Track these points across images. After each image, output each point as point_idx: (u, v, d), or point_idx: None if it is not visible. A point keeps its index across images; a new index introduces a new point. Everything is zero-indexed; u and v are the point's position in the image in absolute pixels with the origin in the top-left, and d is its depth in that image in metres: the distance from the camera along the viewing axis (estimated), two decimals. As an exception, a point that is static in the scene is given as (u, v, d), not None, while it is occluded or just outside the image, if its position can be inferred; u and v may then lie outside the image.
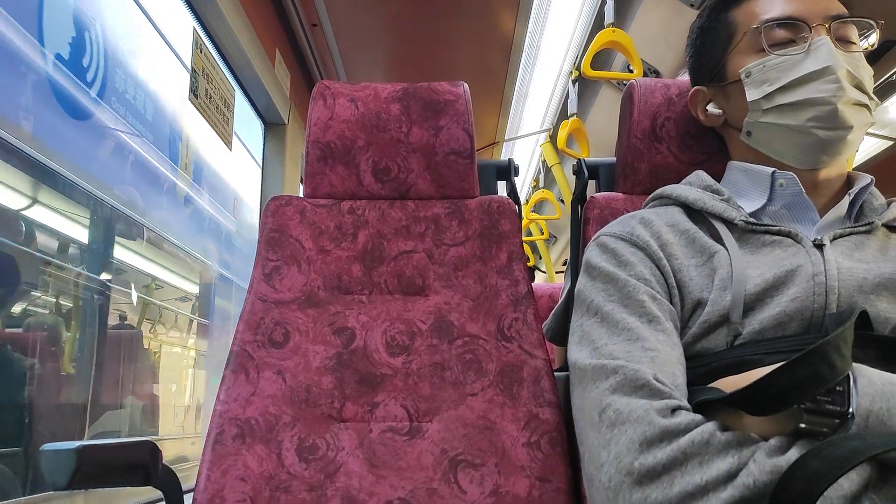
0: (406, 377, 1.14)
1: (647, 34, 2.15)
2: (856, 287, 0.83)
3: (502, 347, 1.15)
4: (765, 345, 0.82)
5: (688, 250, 0.90)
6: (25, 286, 1.83)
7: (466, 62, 2.82)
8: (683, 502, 0.65)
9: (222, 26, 1.89)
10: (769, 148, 0.95)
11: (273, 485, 1.06)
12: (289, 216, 1.25)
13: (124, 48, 2.27)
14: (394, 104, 1.28)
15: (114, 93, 2.22)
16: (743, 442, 0.67)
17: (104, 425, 2.23)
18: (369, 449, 1.10)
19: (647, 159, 1.18)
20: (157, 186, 2.64)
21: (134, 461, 0.88)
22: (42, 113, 1.87)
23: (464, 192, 1.28)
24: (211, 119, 1.89)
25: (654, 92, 1.18)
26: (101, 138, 2.19)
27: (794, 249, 0.88)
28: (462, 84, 1.30)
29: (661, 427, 0.69)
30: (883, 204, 0.95)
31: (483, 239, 1.23)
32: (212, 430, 1.09)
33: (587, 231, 1.18)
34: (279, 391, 1.12)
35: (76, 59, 2.01)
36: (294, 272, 1.21)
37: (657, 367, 0.77)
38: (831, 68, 0.88)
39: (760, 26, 0.93)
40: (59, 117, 1.96)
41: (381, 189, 1.27)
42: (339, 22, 2.51)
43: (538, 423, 1.10)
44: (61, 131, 1.98)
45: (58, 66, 1.92)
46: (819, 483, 0.58)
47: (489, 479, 1.07)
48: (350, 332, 1.17)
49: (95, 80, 2.11)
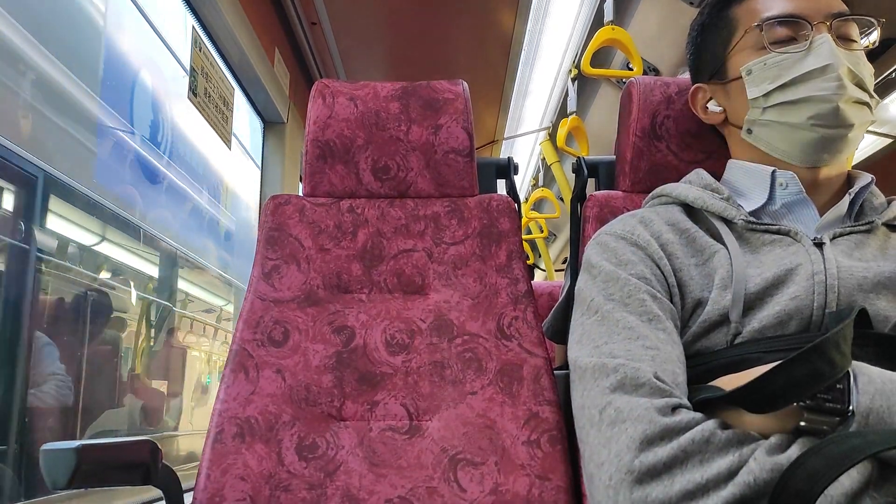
0: (406, 376, 1.14)
1: (646, 32, 2.15)
2: (855, 286, 0.83)
3: (502, 346, 1.15)
4: (765, 343, 0.82)
5: (688, 249, 0.90)
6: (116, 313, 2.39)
7: (466, 60, 2.82)
8: (684, 500, 0.65)
9: (221, 25, 1.89)
10: (770, 146, 0.95)
11: (273, 484, 1.06)
12: (288, 215, 1.24)
13: (180, 116, 2.84)
14: (393, 103, 1.27)
15: (177, 157, 2.84)
16: (743, 440, 0.67)
17: (175, 408, 3.01)
18: (369, 448, 1.10)
19: (646, 158, 1.18)
20: (213, 230, 3.48)
21: (134, 460, 0.88)
22: (138, 185, 2.51)
23: (463, 191, 1.28)
24: (210, 118, 1.89)
25: (654, 90, 1.18)
26: (171, 196, 2.87)
27: (794, 248, 0.88)
28: (461, 82, 1.30)
29: (661, 425, 0.69)
30: (883, 203, 0.95)
31: (483, 237, 1.23)
32: (211, 429, 1.09)
33: (587, 229, 1.18)
34: (279, 390, 1.12)
35: (153, 135, 2.62)
36: (293, 271, 1.21)
37: (657, 365, 0.77)
38: (832, 66, 0.88)
39: (762, 24, 0.93)
40: (147, 185, 2.60)
41: (381, 188, 1.27)
42: (338, 20, 2.51)
43: (538, 422, 1.10)
44: (149, 196, 2.63)
45: (144, 142, 2.50)
46: (819, 481, 0.58)
47: (489, 477, 1.07)
48: (350, 331, 1.17)
49: (166, 151, 2.74)
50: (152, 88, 2.57)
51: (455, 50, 2.75)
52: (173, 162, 2.80)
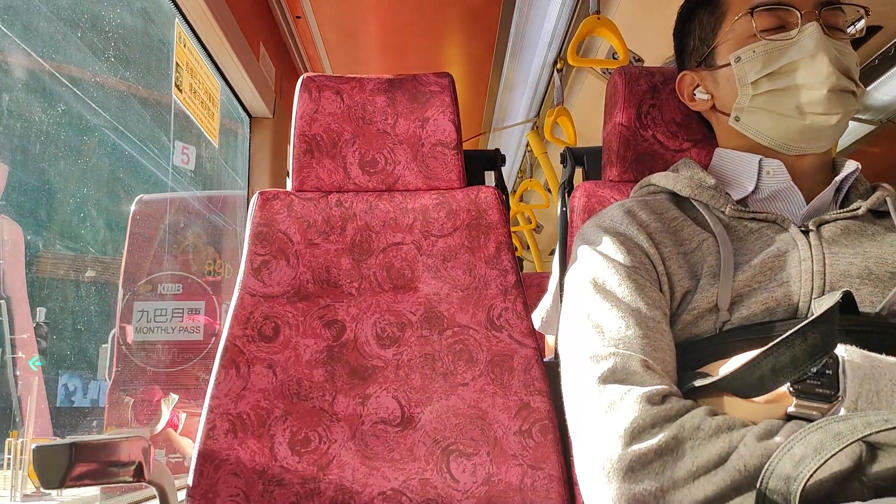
0: (397, 369, 1.14)
1: (630, 21, 2.15)
2: (842, 272, 0.84)
3: (492, 337, 1.16)
4: (753, 330, 0.82)
5: (675, 238, 0.91)
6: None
7: (452, 52, 2.82)
8: (675, 487, 0.66)
9: (205, 21, 1.88)
10: (757, 133, 0.95)
11: (266, 478, 1.06)
12: (276, 210, 1.24)
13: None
14: (379, 96, 1.27)
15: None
16: (733, 426, 0.67)
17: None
18: (362, 441, 1.10)
19: (633, 147, 1.18)
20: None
21: (127, 458, 0.88)
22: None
23: (451, 183, 1.28)
24: (196, 113, 1.88)
25: (639, 79, 1.19)
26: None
27: (781, 236, 0.89)
28: (448, 74, 1.30)
29: (652, 414, 0.70)
30: (868, 189, 0.96)
31: (471, 229, 1.23)
32: (203, 426, 1.09)
33: (575, 219, 1.19)
34: (270, 385, 1.12)
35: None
36: (283, 266, 1.21)
37: (647, 353, 0.77)
38: (820, 55, 0.88)
39: (751, 11, 0.94)
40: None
41: (369, 181, 1.27)
42: (322, 14, 2.49)
43: (529, 412, 1.10)
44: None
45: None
46: (807, 465, 0.58)
47: (481, 468, 1.07)
48: (340, 325, 1.17)
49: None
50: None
51: (441, 41, 2.74)
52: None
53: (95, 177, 1.94)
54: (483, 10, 2.46)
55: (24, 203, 1.65)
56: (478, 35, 2.64)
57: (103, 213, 2.03)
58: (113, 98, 1.94)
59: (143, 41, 2.02)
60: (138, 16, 2.03)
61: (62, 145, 1.72)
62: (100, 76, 1.86)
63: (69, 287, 1.86)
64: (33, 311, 1.70)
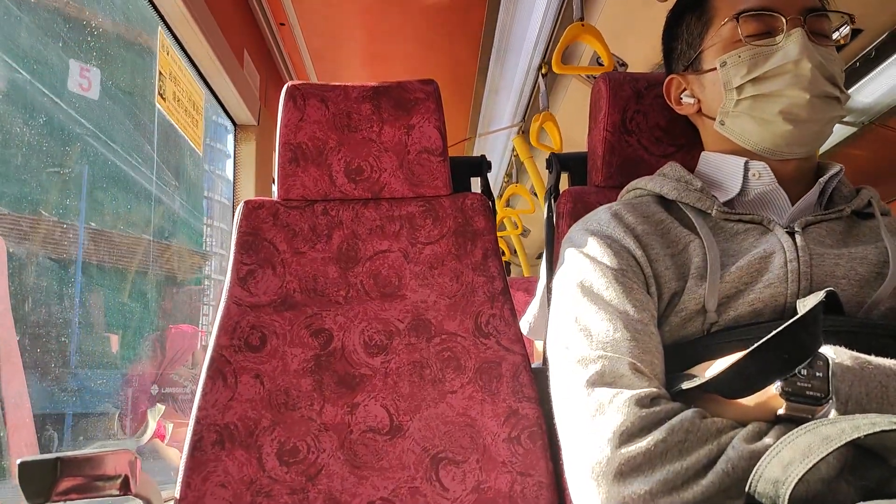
0: (385, 377, 1.14)
1: (614, 26, 2.16)
2: (827, 273, 0.84)
3: (480, 344, 1.16)
4: (740, 331, 0.83)
5: (662, 241, 0.91)
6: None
7: (436, 58, 2.82)
8: (664, 490, 0.66)
9: (188, 28, 1.87)
10: (742, 137, 0.96)
11: (254, 490, 1.06)
12: (262, 219, 1.24)
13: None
14: (364, 104, 1.27)
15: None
16: (722, 429, 0.68)
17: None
18: (350, 450, 1.09)
19: (618, 152, 1.18)
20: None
21: (113, 471, 0.87)
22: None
23: (437, 190, 1.28)
24: (180, 122, 1.87)
25: (624, 85, 1.19)
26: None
27: (767, 237, 0.89)
28: (433, 82, 1.30)
29: (641, 417, 0.70)
30: (852, 191, 0.97)
31: (458, 236, 1.23)
32: (190, 437, 1.08)
33: (561, 224, 1.19)
34: (258, 395, 1.12)
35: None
36: (269, 275, 1.20)
37: (636, 356, 0.78)
38: (805, 61, 0.89)
39: (737, 17, 0.94)
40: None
41: (355, 189, 1.27)
42: (307, 20, 2.49)
43: (518, 419, 1.10)
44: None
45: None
46: (795, 469, 0.59)
47: (471, 475, 1.07)
48: (327, 334, 1.17)
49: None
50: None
51: (426, 48, 2.74)
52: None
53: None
54: (467, 15, 2.46)
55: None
56: (462, 40, 2.64)
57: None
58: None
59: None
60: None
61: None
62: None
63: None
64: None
